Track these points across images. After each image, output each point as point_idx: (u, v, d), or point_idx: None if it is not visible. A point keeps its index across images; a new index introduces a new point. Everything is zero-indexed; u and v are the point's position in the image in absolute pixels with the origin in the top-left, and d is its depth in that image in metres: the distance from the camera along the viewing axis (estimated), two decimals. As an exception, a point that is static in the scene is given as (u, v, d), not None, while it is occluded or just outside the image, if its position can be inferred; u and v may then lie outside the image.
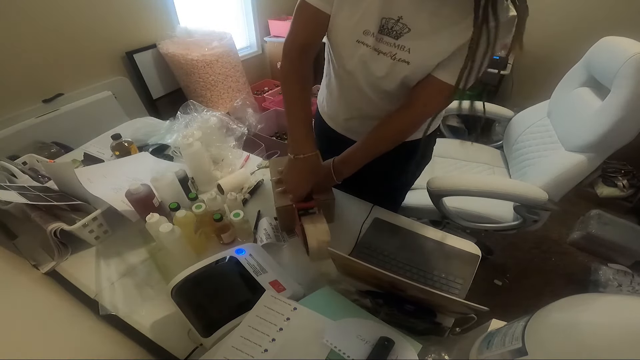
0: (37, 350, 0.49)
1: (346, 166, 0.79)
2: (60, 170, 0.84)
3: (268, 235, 0.81)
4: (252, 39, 2.71)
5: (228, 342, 0.53)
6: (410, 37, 0.62)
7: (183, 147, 0.93)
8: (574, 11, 2.08)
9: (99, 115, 1.62)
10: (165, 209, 0.83)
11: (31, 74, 1.51)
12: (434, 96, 0.67)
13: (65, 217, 0.80)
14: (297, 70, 0.72)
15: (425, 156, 1.02)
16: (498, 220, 1.15)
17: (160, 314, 0.66)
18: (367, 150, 0.78)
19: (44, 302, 0.68)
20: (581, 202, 1.96)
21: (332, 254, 0.62)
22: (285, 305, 0.58)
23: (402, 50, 0.63)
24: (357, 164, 0.79)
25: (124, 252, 0.81)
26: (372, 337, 0.53)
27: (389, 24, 0.62)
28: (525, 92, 2.39)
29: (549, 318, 0.42)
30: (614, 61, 0.94)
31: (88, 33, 1.66)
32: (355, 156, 0.79)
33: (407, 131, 0.75)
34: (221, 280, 0.66)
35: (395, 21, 0.61)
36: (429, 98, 0.68)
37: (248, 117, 2.04)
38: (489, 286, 1.54)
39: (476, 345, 0.53)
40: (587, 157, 0.99)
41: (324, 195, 0.82)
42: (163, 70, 2.04)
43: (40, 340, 0.52)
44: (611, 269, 1.51)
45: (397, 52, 0.63)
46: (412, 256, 0.78)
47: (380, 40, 0.64)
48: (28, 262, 0.78)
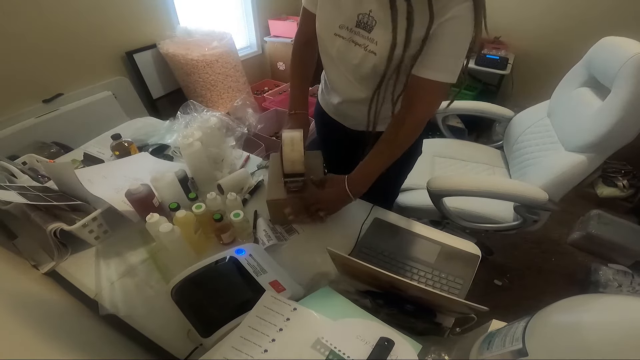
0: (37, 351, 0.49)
1: (360, 184, 0.80)
2: (60, 170, 0.84)
3: (269, 236, 0.81)
4: (252, 39, 2.71)
5: (228, 342, 0.53)
6: (377, 29, 0.68)
7: (183, 147, 0.93)
8: (574, 11, 2.08)
9: (99, 115, 1.61)
10: (165, 209, 0.83)
11: (31, 74, 1.51)
12: (425, 96, 0.71)
13: (65, 217, 0.80)
14: (299, 56, 0.92)
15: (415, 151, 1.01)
16: (498, 221, 1.15)
17: (160, 314, 0.66)
18: (378, 165, 0.79)
19: (44, 302, 0.68)
20: (581, 202, 1.96)
21: (332, 254, 0.62)
22: (285, 305, 0.58)
23: (372, 42, 0.69)
24: (370, 179, 0.80)
25: (124, 252, 0.81)
26: (372, 337, 0.53)
27: (364, 19, 0.69)
28: (525, 92, 2.39)
29: (549, 318, 0.42)
30: (614, 61, 0.94)
31: (88, 33, 1.66)
32: (367, 171, 0.80)
33: (409, 142, 0.78)
34: (221, 280, 0.66)
35: (367, 15, 0.68)
36: (414, 98, 0.72)
37: (248, 117, 2.04)
38: (489, 286, 1.54)
39: (476, 346, 0.53)
40: (587, 157, 0.99)
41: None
42: (163, 70, 2.04)
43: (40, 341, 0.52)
44: (611, 269, 1.51)
45: (368, 44, 0.70)
46: (412, 256, 0.78)
47: (356, 33, 0.71)
48: (28, 262, 0.78)
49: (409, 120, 0.74)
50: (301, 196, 0.82)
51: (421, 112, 0.73)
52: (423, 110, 0.73)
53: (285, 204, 0.82)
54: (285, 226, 0.87)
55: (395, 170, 1.02)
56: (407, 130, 0.75)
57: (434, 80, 0.66)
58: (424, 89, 0.69)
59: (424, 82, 0.67)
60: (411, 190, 1.28)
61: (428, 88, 0.68)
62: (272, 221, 0.87)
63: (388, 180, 1.03)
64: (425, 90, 0.69)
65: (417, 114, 0.73)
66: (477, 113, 1.47)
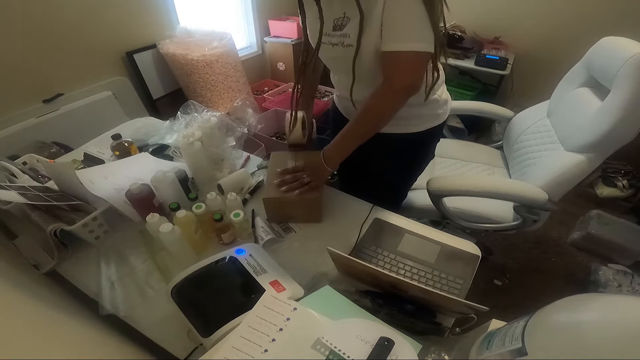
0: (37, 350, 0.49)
1: (334, 150, 0.84)
2: (60, 170, 0.84)
3: (267, 231, 0.81)
4: (252, 39, 2.70)
5: (228, 342, 0.53)
6: (350, 24, 0.73)
7: (183, 147, 0.94)
8: (573, 11, 2.09)
9: (99, 115, 1.62)
10: (166, 209, 0.83)
11: (31, 74, 1.51)
12: (393, 68, 0.72)
13: (65, 217, 0.80)
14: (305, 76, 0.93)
15: (426, 153, 1.04)
16: (498, 221, 1.15)
17: (160, 314, 0.66)
18: (350, 132, 0.82)
19: (44, 302, 0.68)
20: (581, 202, 1.96)
21: (332, 254, 0.62)
22: (285, 305, 0.58)
23: (346, 37, 0.75)
24: (343, 147, 0.83)
25: (124, 252, 0.81)
26: (372, 337, 0.53)
27: (339, 22, 0.75)
28: (525, 92, 2.39)
29: (549, 318, 0.42)
30: (614, 61, 0.94)
31: (88, 33, 1.66)
32: (340, 140, 0.83)
33: (382, 110, 0.78)
34: (221, 280, 0.66)
35: (343, 18, 0.74)
36: (390, 71, 0.73)
37: (248, 117, 2.04)
38: (489, 286, 1.54)
39: (476, 345, 0.53)
40: (587, 157, 0.99)
41: (310, 195, 0.83)
42: (163, 70, 2.04)
43: (40, 341, 0.52)
44: (611, 269, 1.51)
45: (344, 40, 0.75)
46: (412, 256, 0.78)
47: (333, 36, 0.77)
48: (28, 262, 0.78)
49: (386, 90, 0.75)
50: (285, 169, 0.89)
51: (398, 83, 0.73)
52: (399, 80, 0.73)
53: (283, 203, 0.83)
54: (282, 225, 0.88)
55: (404, 170, 1.04)
56: (383, 98, 0.76)
57: (399, 51, 0.68)
58: (392, 61, 0.71)
59: (389, 55, 0.70)
60: (411, 190, 1.28)
61: (397, 60, 0.70)
62: (269, 219, 0.88)
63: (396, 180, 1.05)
64: (394, 62, 0.71)
65: (394, 85, 0.74)
66: (477, 113, 1.47)
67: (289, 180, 0.85)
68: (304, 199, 0.82)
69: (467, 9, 2.37)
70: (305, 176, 0.84)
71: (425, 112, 0.90)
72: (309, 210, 0.86)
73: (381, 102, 0.77)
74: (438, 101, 0.90)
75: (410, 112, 0.86)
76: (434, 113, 0.92)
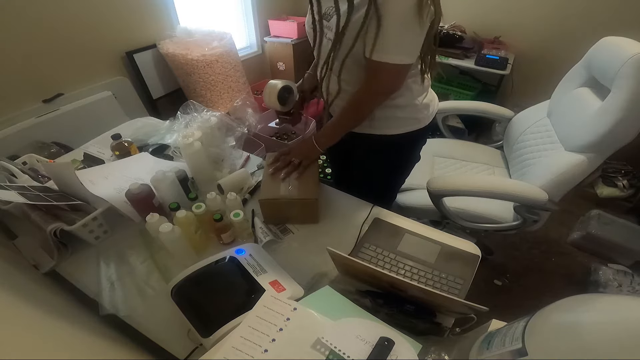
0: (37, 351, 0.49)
1: (323, 134, 0.92)
2: (60, 170, 0.84)
3: (266, 233, 0.81)
4: (252, 39, 2.70)
5: (228, 342, 0.53)
6: (333, 19, 0.74)
7: (183, 147, 0.93)
8: (574, 11, 2.08)
9: (99, 115, 1.61)
10: (166, 209, 0.83)
11: (31, 74, 1.51)
12: (377, 75, 0.76)
13: (65, 217, 0.80)
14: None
15: (408, 156, 1.04)
16: (498, 221, 1.15)
17: (160, 314, 0.66)
18: (336, 122, 0.89)
19: (44, 302, 0.68)
20: (581, 202, 1.96)
21: (332, 254, 0.62)
22: (285, 305, 0.58)
23: (330, 30, 0.77)
24: (330, 133, 0.91)
25: (124, 252, 0.81)
26: (372, 337, 0.53)
27: (329, 10, 0.77)
28: (525, 92, 2.39)
29: (549, 318, 0.42)
30: (614, 61, 0.94)
31: (88, 33, 1.66)
32: (328, 127, 0.91)
33: (361, 108, 0.85)
34: (221, 280, 0.66)
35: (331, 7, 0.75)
36: (372, 77, 0.78)
37: (248, 117, 2.04)
38: (489, 286, 1.54)
39: (476, 346, 0.53)
40: (587, 157, 0.99)
41: (307, 195, 0.84)
42: (163, 70, 2.04)
43: (40, 341, 0.52)
44: (611, 269, 1.51)
45: (327, 32, 0.79)
46: (412, 256, 0.78)
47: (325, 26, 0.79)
48: (28, 262, 0.78)
49: (365, 93, 0.81)
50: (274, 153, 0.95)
51: (378, 87, 0.80)
52: (379, 85, 0.79)
53: (279, 204, 0.84)
54: (280, 226, 0.88)
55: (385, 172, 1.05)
56: (363, 99, 0.83)
57: (385, 62, 0.71)
58: (376, 69, 0.74)
59: (375, 63, 0.72)
60: (411, 190, 1.28)
61: (381, 69, 0.73)
62: (266, 220, 0.88)
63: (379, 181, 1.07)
64: (377, 70, 0.74)
65: (373, 88, 0.80)
66: (477, 113, 1.47)
67: (281, 165, 0.90)
68: (301, 199, 0.82)
69: (467, 9, 2.36)
70: (294, 159, 0.90)
71: (401, 115, 0.90)
72: (306, 210, 0.86)
73: (366, 103, 0.84)
74: (417, 106, 0.90)
75: (384, 113, 0.88)
76: (412, 117, 0.92)
